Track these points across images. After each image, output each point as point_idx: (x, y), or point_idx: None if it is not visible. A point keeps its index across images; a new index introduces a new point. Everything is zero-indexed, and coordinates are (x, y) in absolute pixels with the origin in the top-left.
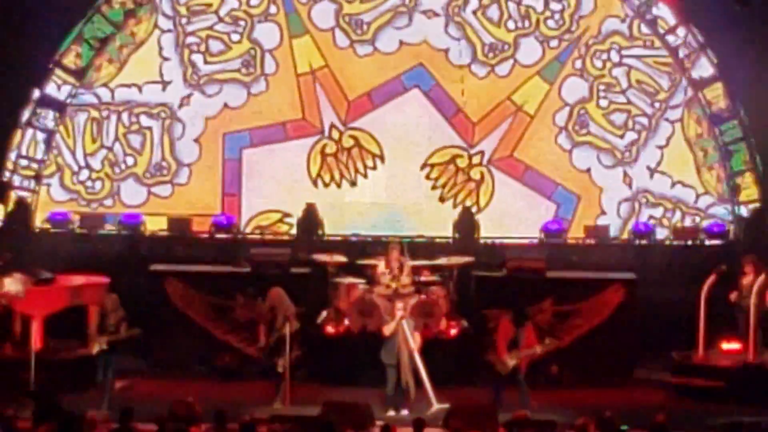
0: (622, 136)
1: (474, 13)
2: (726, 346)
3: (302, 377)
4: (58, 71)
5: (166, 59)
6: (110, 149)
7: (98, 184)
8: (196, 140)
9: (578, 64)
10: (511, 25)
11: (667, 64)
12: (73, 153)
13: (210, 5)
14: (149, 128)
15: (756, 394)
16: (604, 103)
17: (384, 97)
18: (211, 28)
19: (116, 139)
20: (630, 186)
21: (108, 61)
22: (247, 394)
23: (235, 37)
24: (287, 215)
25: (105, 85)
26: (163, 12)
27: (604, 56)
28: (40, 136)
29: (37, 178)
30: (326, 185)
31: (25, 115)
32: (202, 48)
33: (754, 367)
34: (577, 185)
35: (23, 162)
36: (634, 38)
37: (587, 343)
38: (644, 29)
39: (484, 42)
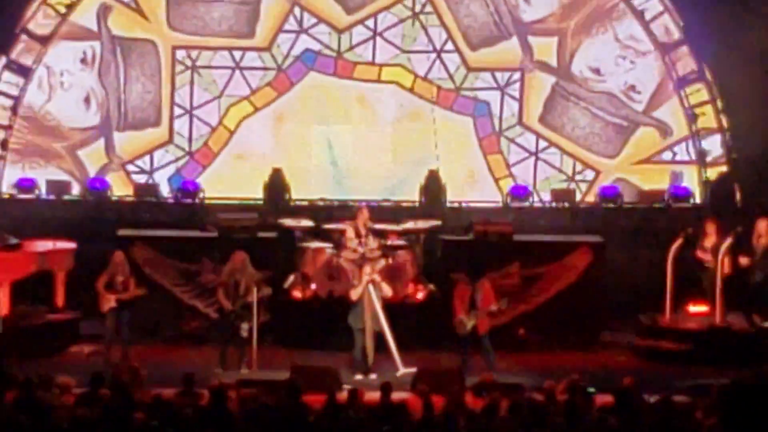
0: None
1: None
2: (693, 308)
3: (270, 342)
4: (24, 37)
5: None
6: None
7: None
8: None
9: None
10: None
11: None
12: None
13: None
14: None
15: (722, 356)
16: None
17: None
18: None
19: None
20: None
21: None
22: (214, 358)
23: None
24: None
25: None
26: None
27: None
28: (7, 102)
29: (3, 144)
30: None
31: None
32: None
33: (720, 329)
34: None
35: None
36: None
37: (554, 306)
38: None
39: None
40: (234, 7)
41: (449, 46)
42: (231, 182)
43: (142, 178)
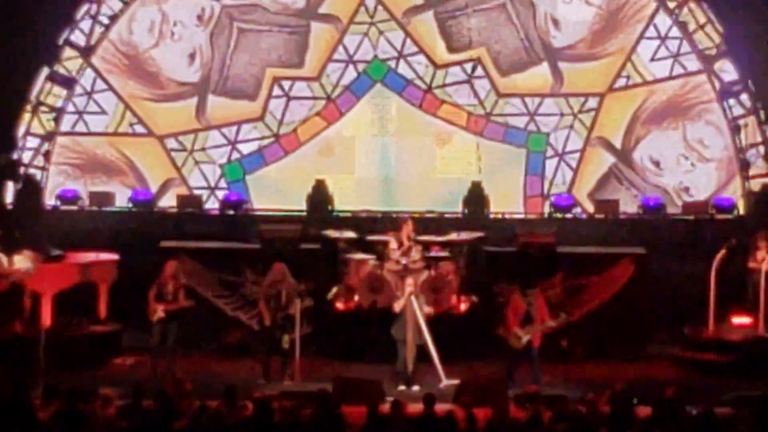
0: None
1: None
2: (737, 320)
3: (313, 353)
4: (67, 49)
5: None
6: None
7: None
8: None
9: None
10: None
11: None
12: None
13: None
14: None
15: (766, 367)
16: None
17: None
18: None
19: None
20: None
21: None
22: (257, 370)
23: None
24: None
25: None
26: None
27: None
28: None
29: (47, 155)
30: None
31: (34, 92)
32: None
33: (764, 341)
34: None
35: (32, 140)
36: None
37: (598, 317)
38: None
39: None
40: (283, 37)
41: (479, 71)
42: (308, 175)
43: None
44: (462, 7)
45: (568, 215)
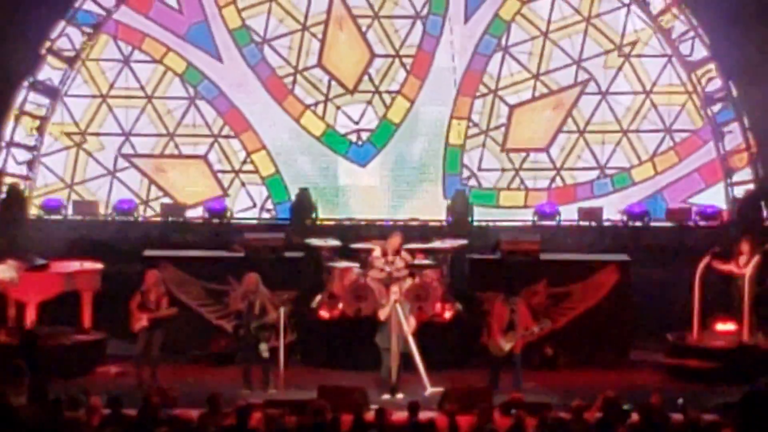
0: None
1: None
2: (720, 327)
3: (297, 361)
4: (50, 58)
5: None
6: None
7: None
8: None
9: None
10: None
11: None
12: None
13: None
14: None
15: (750, 374)
16: None
17: None
18: None
19: None
20: None
21: None
22: (241, 379)
23: None
24: None
25: None
26: None
27: None
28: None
29: (30, 164)
30: None
31: (18, 101)
32: None
33: (748, 347)
34: None
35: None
36: None
37: (582, 325)
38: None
39: None
40: None
41: None
42: None
43: None
44: None
45: (552, 223)
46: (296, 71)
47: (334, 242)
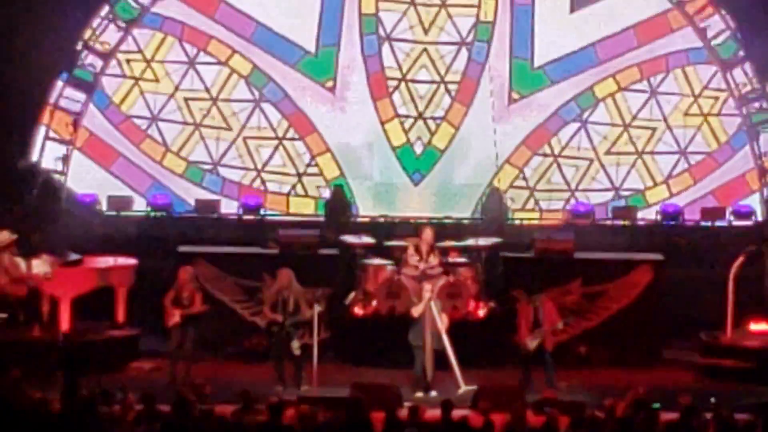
0: None
1: None
2: (754, 326)
3: (330, 359)
4: (87, 53)
5: None
6: None
7: None
8: None
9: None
10: None
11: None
12: None
13: None
14: None
15: None
16: None
17: None
18: None
19: None
20: None
21: None
22: (275, 375)
23: None
24: None
25: None
26: None
27: None
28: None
29: (65, 159)
30: None
31: (54, 97)
32: None
33: None
34: None
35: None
36: None
37: (615, 324)
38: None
39: None
40: None
41: None
42: None
43: None
44: None
45: (586, 221)
46: (403, 78)
47: (368, 239)
